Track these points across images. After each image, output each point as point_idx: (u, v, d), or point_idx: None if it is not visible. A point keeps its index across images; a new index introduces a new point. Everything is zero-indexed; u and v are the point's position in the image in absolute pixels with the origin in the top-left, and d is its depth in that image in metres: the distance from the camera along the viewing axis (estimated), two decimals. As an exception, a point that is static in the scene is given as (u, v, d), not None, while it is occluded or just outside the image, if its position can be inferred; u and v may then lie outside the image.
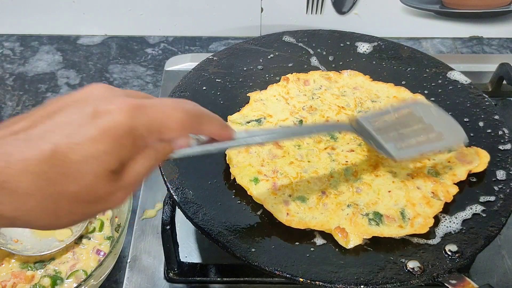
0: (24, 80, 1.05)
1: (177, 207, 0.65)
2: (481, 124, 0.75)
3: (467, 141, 0.69)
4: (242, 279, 0.70)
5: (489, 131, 0.74)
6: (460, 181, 0.67)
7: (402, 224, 0.63)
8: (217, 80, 0.81)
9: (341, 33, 0.90)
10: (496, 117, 0.76)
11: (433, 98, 0.79)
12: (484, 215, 0.64)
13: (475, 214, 0.64)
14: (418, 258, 0.60)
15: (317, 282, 0.57)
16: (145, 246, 0.77)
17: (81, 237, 0.74)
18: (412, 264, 0.59)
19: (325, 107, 0.77)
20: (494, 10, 1.12)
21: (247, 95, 0.78)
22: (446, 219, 0.64)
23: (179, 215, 0.66)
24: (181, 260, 0.71)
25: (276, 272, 0.58)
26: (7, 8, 1.10)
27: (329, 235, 0.62)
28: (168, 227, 0.65)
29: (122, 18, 1.12)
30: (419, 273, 0.58)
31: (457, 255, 0.60)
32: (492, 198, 0.66)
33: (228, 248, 0.60)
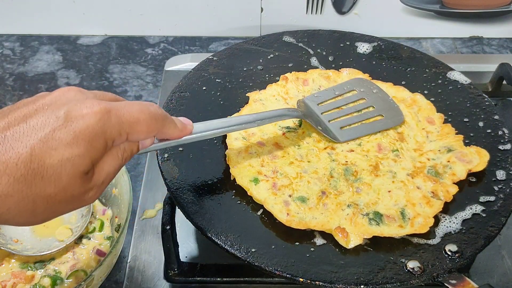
0: (24, 80, 1.05)
1: (177, 207, 0.65)
2: (481, 124, 0.75)
3: (403, 121, 0.74)
4: (242, 279, 0.70)
5: (489, 131, 0.74)
6: (460, 181, 0.67)
7: (402, 224, 0.63)
8: (217, 80, 0.81)
9: (341, 33, 0.90)
10: (496, 117, 0.76)
11: (433, 98, 0.79)
12: (484, 215, 0.64)
13: (475, 214, 0.64)
14: (418, 258, 0.60)
15: (317, 282, 0.58)
16: (145, 246, 0.77)
17: (81, 237, 0.74)
18: (412, 264, 0.59)
19: (324, 107, 0.77)
20: (494, 10, 1.12)
21: (246, 95, 0.78)
22: (446, 219, 0.64)
23: (179, 215, 0.66)
24: (181, 260, 0.71)
25: (276, 272, 0.58)
26: (7, 8, 1.10)
27: (329, 235, 0.62)
28: (168, 227, 0.65)
29: (122, 18, 1.12)
30: (419, 273, 0.58)
31: (457, 255, 0.60)
32: (492, 198, 0.66)
33: (228, 248, 0.60)
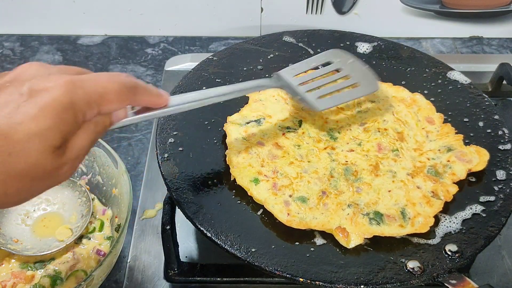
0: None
1: (177, 207, 0.65)
2: (481, 124, 0.75)
3: (378, 88, 0.75)
4: (242, 279, 0.70)
5: (489, 131, 0.74)
6: (460, 181, 0.67)
7: (403, 223, 0.63)
8: (217, 80, 0.81)
9: (341, 33, 0.90)
10: (496, 117, 0.76)
11: (433, 98, 0.79)
12: (484, 215, 0.64)
13: (475, 214, 0.64)
14: (418, 258, 0.60)
15: (317, 282, 0.58)
16: (145, 246, 0.77)
17: (81, 237, 0.74)
18: (412, 264, 0.59)
19: (324, 107, 0.77)
20: (494, 10, 1.12)
21: (246, 95, 0.78)
22: (446, 219, 0.64)
23: (179, 215, 0.66)
24: (181, 260, 0.71)
25: (276, 272, 0.58)
26: (7, 8, 1.10)
27: (329, 235, 0.62)
28: (168, 227, 0.66)
29: (122, 18, 1.12)
30: (419, 273, 0.58)
31: (457, 255, 0.60)
32: (492, 198, 0.66)
33: (228, 248, 0.60)
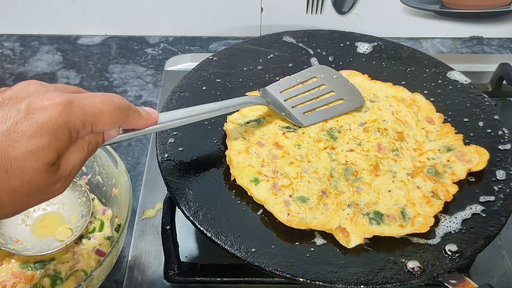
0: (24, 80, 1.04)
1: (177, 207, 0.65)
2: (481, 124, 0.75)
3: (363, 103, 0.76)
4: (242, 279, 0.70)
5: (489, 131, 0.74)
6: (460, 181, 0.67)
7: (403, 223, 0.63)
8: (217, 80, 0.81)
9: (341, 33, 0.90)
10: (496, 117, 0.76)
11: (433, 98, 0.79)
12: (484, 215, 0.64)
13: (475, 214, 0.64)
14: (418, 258, 0.60)
15: (317, 282, 0.58)
16: (145, 246, 0.77)
17: (81, 237, 0.74)
18: (412, 264, 0.59)
19: (324, 107, 0.77)
20: (494, 10, 1.12)
21: (246, 94, 0.78)
22: (446, 219, 0.64)
23: (179, 215, 0.66)
24: (181, 260, 0.71)
25: (276, 272, 0.58)
26: (7, 8, 1.10)
27: (329, 235, 0.62)
28: (168, 227, 0.66)
29: (122, 18, 1.12)
30: (419, 273, 0.58)
31: (457, 255, 0.60)
32: (492, 198, 0.66)
33: (228, 248, 0.60)
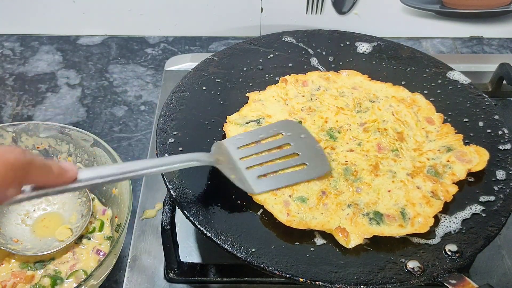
0: (24, 80, 1.05)
1: (177, 207, 0.65)
2: (481, 124, 0.75)
3: (327, 171, 0.67)
4: (242, 279, 0.70)
5: (489, 131, 0.74)
6: (460, 181, 0.67)
7: (403, 223, 0.63)
8: (217, 80, 0.81)
9: (341, 33, 0.90)
10: (496, 117, 0.76)
11: (433, 98, 0.79)
12: (484, 215, 0.64)
13: (475, 214, 0.64)
14: (418, 258, 0.60)
15: (317, 282, 0.57)
16: (145, 246, 0.77)
17: (81, 237, 0.74)
18: (412, 264, 0.59)
19: (323, 108, 0.77)
20: (494, 10, 1.12)
21: (246, 95, 0.78)
22: (446, 219, 0.64)
23: (179, 215, 0.66)
24: (181, 260, 0.71)
25: (276, 272, 0.58)
26: (7, 8, 1.10)
27: (329, 235, 0.62)
28: (168, 227, 0.65)
29: (122, 18, 1.12)
30: (419, 273, 0.58)
31: (457, 255, 0.60)
32: (492, 198, 0.66)
33: (228, 248, 0.60)
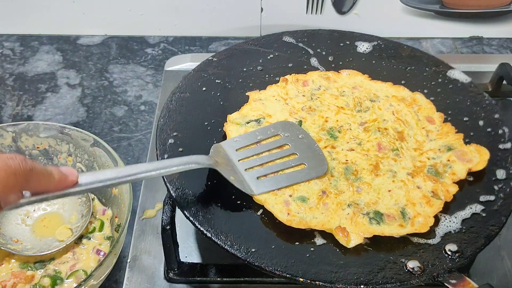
0: (24, 80, 1.05)
1: (177, 207, 0.65)
2: (481, 123, 0.75)
3: (326, 171, 0.67)
4: (242, 279, 0.70)
5: (489, 130, 0.74)
6: (460, 180, 0.67)
7: (403, 223, 0.63)
8: (217, 81, 0.81)
9: (341, 33, 0.90)
10: (496, 116, 0.75)
11: (433, 97, 0.78)
12: (484, 214, 0.64)
13: (475, 214, 0.64)
14: (418, 258, 0.60)
15: (317, 282, 0.57)
16: (145, 246, 0.76)
17: (81, 237, 0.74)
18: (412, 264, 0.59)
19: (324, 108, 0.77)
20: (494, 10, 1.12)
21: (246, 94, 0.78)
22: (446, 219, 0.64)
23: (179, 215, 0.66)
24: (181, 260, 0.71)
25: (276, 272, 0.58)
26: (7, 8, 1.10)
27: (329, 235, 0.62)
28: (168, 227, 0.65)
29: (122, 18, 1.12)
30: (419, 273, 0.58)
31: (457, 254, 0.60)
32: (492, 198, 0.66)
33: (228, 248, 0.60)
